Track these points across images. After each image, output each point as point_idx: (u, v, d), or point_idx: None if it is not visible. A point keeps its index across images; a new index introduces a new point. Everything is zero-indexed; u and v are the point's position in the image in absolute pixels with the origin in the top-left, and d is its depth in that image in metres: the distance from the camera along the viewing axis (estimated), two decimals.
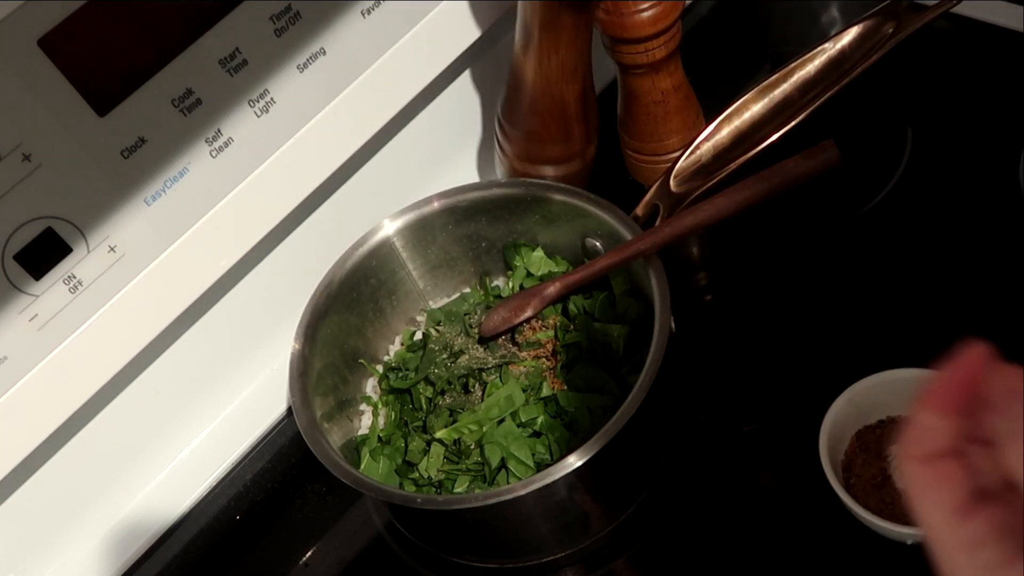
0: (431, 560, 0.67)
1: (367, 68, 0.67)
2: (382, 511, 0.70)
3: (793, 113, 0.67)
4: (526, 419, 0.65)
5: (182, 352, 0.70)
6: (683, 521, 0.65)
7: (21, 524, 0.66)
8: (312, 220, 0.73)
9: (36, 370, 0.59)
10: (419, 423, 0.68)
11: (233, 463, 0.75)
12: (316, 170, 0.68)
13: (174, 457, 0.74)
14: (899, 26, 0.67)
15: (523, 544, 0.65)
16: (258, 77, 0.61)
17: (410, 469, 0.67)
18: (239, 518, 0.72)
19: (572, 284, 0.68)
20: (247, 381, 0.76)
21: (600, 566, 0.65)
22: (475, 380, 0.68)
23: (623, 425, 0.56)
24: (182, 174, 0.61)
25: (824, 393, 0.61)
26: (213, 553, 0.71)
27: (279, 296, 0.73)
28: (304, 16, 0.62)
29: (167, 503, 0.73)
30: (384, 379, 0.72)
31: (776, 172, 0.62)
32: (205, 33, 0.58)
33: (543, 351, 0.69)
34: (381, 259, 0.72)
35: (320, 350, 0.68)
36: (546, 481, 0.56)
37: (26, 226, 0.55)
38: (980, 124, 0.76)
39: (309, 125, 0.66)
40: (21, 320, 0.57)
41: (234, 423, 0.75)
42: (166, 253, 0.62)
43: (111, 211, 0.58)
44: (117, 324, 0.61)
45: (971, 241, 0.71)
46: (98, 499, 0.70)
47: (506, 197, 0.71)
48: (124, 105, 0.56)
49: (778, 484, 0.64)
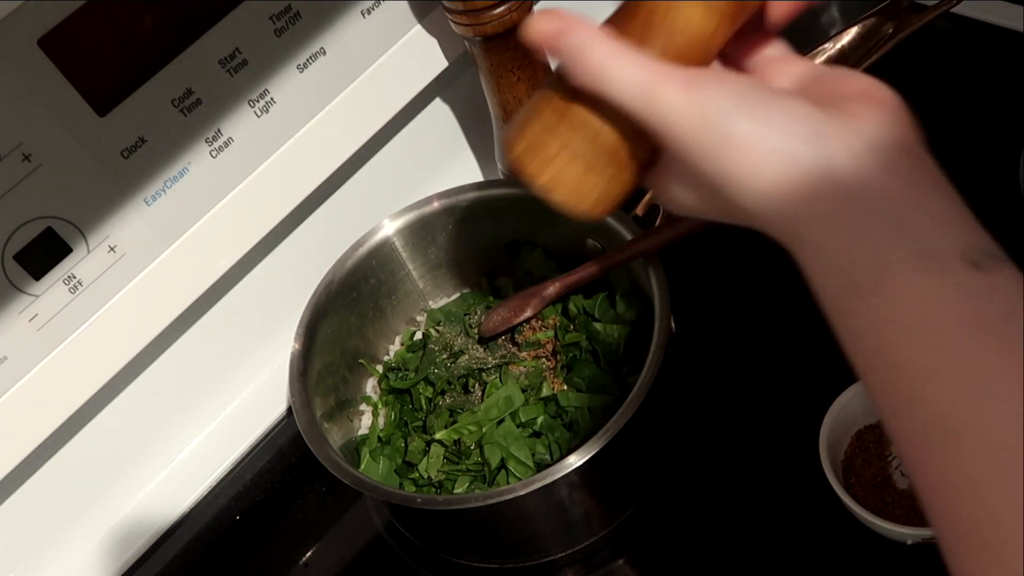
0: (431, 560, 0.67)
1: (367, 68, 0.67)
2: (382, 511, 0.70)
3: None
4: (526, 419, 0.65)
5: (182, 352, 0.70)
6: (683, 521, 0.65)
7: (21, 524, 0.66)
8: (312, 220, 0.73)
9: (36, 370, 0.59)
10: (419, 423, 0.68)
11: (233, 463, 0.75)
12: (316, 170, 0.68)
13: (174, 457, 0.74)
14: (899, 26, 0.67)
15: (523, 544, 0.65)
16: (258, 77, 0.61)
17: (410, 469, 0.67)
18: (239, 518, 0.72)
19: (572, 284, 0.68)
20: (247, 381, 0.76)
21: (600, 566, 0.65)
22: (475, 380, 0.68)
23: (623, 425, 0.56)
24: (182, 174, 0.61)
25: (824, 393, 0.61)
26: (213, 553, 0.71)
27: (279, 296, 0.73)
28: (304, 16, 0.62)
29: (167, 503, 0.73)
30: (384, 379, 0.72)
31: None
32: (205, 33, 0.58)
33: (543, 351, 0.69)
34: (381, 259, 0.72)
35: (320, 350, 0.68)
36: (546, 481, 0.56)
37: (26, 226, 0.55)
38: (980, 124, 0.76)
39: (309, 125, 0.66)
40: (21, 320, 0.57)
41: (234, 423, 0.75)
42: (166, 253, 0.62)
43: (111, 211, 0.58)
44: (117, 324, 0.61)
45: None
46: (98, 499, 0.70)
47: (506, 197, 0.71)
48: (124, 105, 0.56)
49: (778, 484, 0.64)
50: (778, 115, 0.37)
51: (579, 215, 0.44)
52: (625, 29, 0.41)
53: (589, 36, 0.39)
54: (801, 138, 0.36)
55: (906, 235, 0.34)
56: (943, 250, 0.34)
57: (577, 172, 0.43)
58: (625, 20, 0.41)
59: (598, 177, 0.43)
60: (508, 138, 0.44)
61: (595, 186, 0.43)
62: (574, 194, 0.43)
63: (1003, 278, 0.34)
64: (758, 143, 0.36)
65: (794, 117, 0.37)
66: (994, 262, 0.34)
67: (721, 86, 0.37)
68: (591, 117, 0.42)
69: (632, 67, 0.38)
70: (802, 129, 0.36)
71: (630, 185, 0.44)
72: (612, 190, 0.44)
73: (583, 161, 0.43)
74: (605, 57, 0.39)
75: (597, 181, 0.43)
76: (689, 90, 0.37)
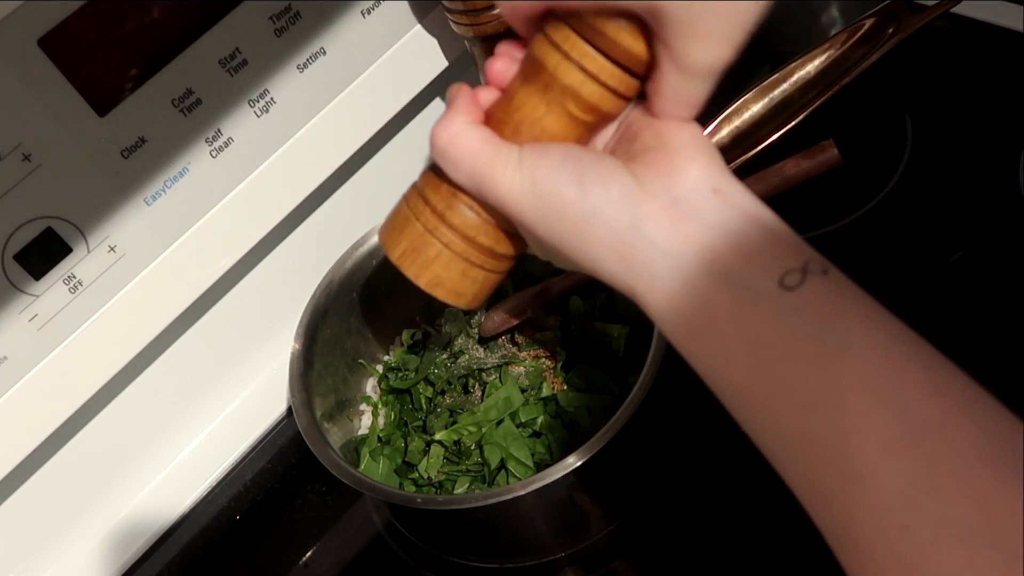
0: (431, 560, 0.67)
1: (367, 68, 0.67)
2: (382, 511, 0.70)
3: (793, 113, 0.67)
4: (526, 419, 0.65)
5: (182, 352, 0.70)
6: (683, 521, 0.65)
7: (21, 524, 0.66)
8: (312, 220, 0.73)
9: (36, 370, 0.59)
10: (419, 423, 0.68)
11: (233, 463, 0.75)
12: (316, 170, 0.68)
13: (174, 457, 0.74)
14: (899, 26, 0.67)
15: (523, 544, 0.65)
16: (258, 77, 0.61)
17: (410, 469, 0.67)
18: (239, 518, 0.73)
19: (572, 284, 0.68)
20: (247, 381, 0.76)
21: (600, 566, 0.65)
22: (475, 380, 0.68)
23: (623, 425, 0.56)
24: (182, 174, 0.61)
25: None
26: (213, 553, 0.71)
27: (279, 296, 0.73)
28: (304, 16, 0.62)
29: (167, 503, 0.73)
30: (384, 379, 0.72)
31: (776, 172, 0.62)
32: (205, 33, 0.58)
33: (543, 351, 0.69)
34: (381, 259, 0.72)
35: (320, 350, 0.68)
36: (546, 481, 0.56)
37: (26, 226, 0.55)
38: (980, 124, 0.76)
39: (309, 125, 0.66)
40: (21, 320, 0.57)
41: (234, 423, 0.75)
42: (166, 253, 0.62)
43: (111, 211, 0.58)
44: (117, 324, 0.61)
45: (971, 241, 0.71)
46: (98, 499, 0.70)
47: None
48: (124, 105, 0.56)
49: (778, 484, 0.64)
50: (593, 178, 0.39)
51: (460, 307, 0.46)
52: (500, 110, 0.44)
53: (462, 124, 0.43)
54: (613, 202, 0.39)
55: (723, 279, 0.37)
56: (758, 283, 0.36)
57: (457, 272, 0.45)
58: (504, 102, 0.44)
59: (477, 272, 0.45)
60: (386, 238, 0.46)
61: (474, 281, 0.45)
62: (454, 292, 0.45)
63: (817, 289, 0.36)
64: (579, 207, 0.39)
65: (605, 182, 0.39)
66: (812, 276, 0.36)
67: (547, 156, 0.40)
68: (469, 217, 0.44)
69: (485, 145, 0.42)
70: (614, 192, 0.39)
71: (506, 272, 0.46)
72: (490, 281, 0.46)
73: (462, 261, 0.44)
74: (471, 141, 0.42)
75: (476, 276, 0.45)
76: (519, 166, 0.40)
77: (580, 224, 0.39)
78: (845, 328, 0.35)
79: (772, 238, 0.38)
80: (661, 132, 0.41)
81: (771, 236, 0.38)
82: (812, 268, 0.36)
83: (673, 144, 0.40)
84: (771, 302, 0.36)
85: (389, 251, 0.46)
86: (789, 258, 0.36)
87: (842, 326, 0.35)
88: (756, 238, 0.37)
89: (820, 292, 0.36)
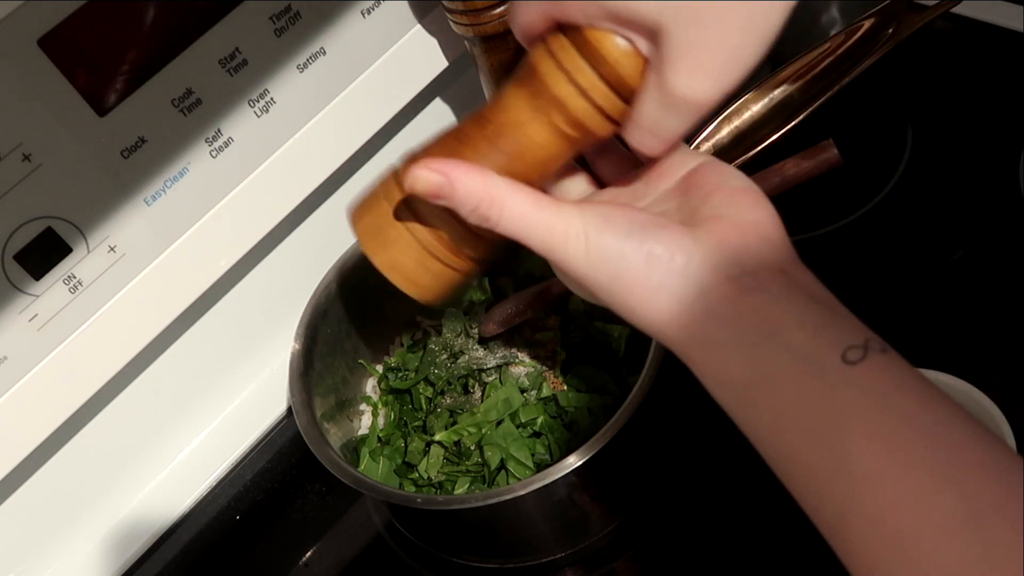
0: (431, 560, 0.67)
1: (367, 68, 0.67)
2: (382, 511, 0.70)
3: (793, 113, 0.67)
4: (526, 419, 0.65)
5: (182, 352, 0.70)
6: (683, 521, 0.65)
7: (21, 524, 0.66)
8: (312, 220, 0.73)
9: (36, 370, 0.59)
10: (419, 423, 0.68)
11: (233, 463, 0.75)
12: (316, 170, 0.68)
13: (174, 457, 0.74)
14: (899, 26, 0.67)
15: (523, 544, 0.65)
16: (258, 77, 0.61)
17: (410, 470, 0.67)
18: (239, 518, 0.72)
19: None
20: (247, 381, 0.76)
21: (600, 566, 0.65)
22: (475, 380, 0.68)
23: (623, 425, 0.56)
24: (182, 174, 0.61)
25: None
26: (213, 553, 0.71)
27: (279, 296, 0.73)
28: (304, 16, 0.62)
29: (167, 503, 0.73)
30: (384, 379, 0.72)
31: (776, 172, 0.62)
32: (205, 33, 0.58)
33: (543, 351, 0.69)
34: None
35: (320, 350, 0.68)
36: (546, 481, 0.56)
37: (26, 226, 0.55)
38: (980, 124, 0.76)
39: (309, 125, 0.66)
40: (21, 320, 0.57)
41: (234, 423, 0.75)
42: (166, 253, 0.62)
43: (111, 211, 0.58)
44: (117, 324, 0.61)
45: (971, 241, 0.71)
46: (98, 499, 0.70)
47: None
48: (124, 105, 0.56)
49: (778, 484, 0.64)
50: (660, 252, 0.40)
51: (414, 298, 0.45)
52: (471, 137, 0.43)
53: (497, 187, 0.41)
54: (678, 273, 0.39)
55: (785, 350, 0.37)
56: (821, 356, 0.36)
57: (413, 259, 0.44)
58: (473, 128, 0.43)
59: (435, 265, 0.44)
60: (353, 213, 0.45)
61: (431, 273, 0.44)
62: (409, 280, 0.44)
63: (879, 366, 0.36)
64: (644, 279, 0.40)
65: (671, 253, 0.39)
66: (873, 353, 0.36)
67: (612, 227, 0.40)
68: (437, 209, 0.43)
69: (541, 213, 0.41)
70: (678, 263, 0.39)
71: (471, 275, 0.46)
72: (451, 279, 0.45)
73: (422, 250, 0.44)
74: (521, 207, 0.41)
75: (434, 269, 0.44)
76: (585, 239, 0.41)
77: (644, 295, 0.40)
78: (906, 404, 0.35)
79: (835, 316, 0.38)
80: (736, 202, 0.41)
81: (834, 314, 0.38)
82: (872, 346, 0.37)
83: (745, 219, 0.40)
84: (833, 374, 0.36)
85: (353, 224, 0.45)
86: (851, 335, 0.37)
87: (903, 403, 0.35)
88: (820, 314, 0.38)
89: (881, 369, 0.36)
